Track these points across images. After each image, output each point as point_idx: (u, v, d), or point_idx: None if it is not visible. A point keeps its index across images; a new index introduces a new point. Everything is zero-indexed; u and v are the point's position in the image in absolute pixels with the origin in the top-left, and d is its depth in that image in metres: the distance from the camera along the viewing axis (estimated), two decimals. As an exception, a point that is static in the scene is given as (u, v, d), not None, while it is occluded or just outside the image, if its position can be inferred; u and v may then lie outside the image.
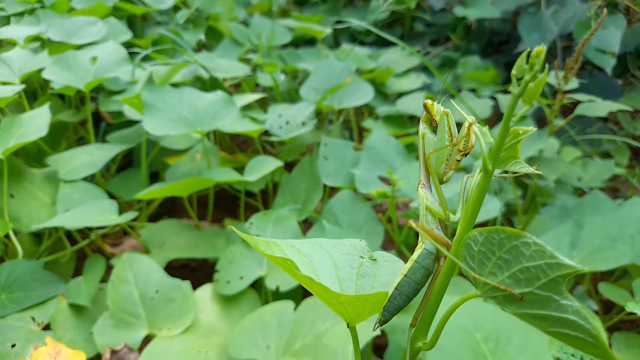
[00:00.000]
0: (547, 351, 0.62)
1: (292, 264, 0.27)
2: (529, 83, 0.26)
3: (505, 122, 0.27)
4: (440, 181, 0.35)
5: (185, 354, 0.73)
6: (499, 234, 0.27)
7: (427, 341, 0.33)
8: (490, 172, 0.29)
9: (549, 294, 0.26)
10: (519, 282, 0.27)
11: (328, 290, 0.28)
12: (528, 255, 0.26)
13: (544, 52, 0.25)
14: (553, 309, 0.26)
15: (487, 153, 0.28)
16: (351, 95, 1.25)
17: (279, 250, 0.32)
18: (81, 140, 1.33)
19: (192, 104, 1.02)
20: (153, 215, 1.23)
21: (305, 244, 0.34)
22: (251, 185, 1.14)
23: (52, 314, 0.83)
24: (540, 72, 0.26)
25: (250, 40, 1.59)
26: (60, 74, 1.11)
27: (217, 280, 0.86)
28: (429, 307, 0.33)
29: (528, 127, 0.29)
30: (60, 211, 0.93)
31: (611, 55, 1.29)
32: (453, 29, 2.07)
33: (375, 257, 0.35)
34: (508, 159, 0.31)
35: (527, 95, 0.26)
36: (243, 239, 0.32)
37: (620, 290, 0.91)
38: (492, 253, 0.28)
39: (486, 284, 0.28)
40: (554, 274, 0.25)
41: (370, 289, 0.33)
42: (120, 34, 1.40)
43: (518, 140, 0.30)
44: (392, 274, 0.34)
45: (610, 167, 1.24)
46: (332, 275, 0.33)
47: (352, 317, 0.33)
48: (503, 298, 0.28)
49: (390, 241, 1.11)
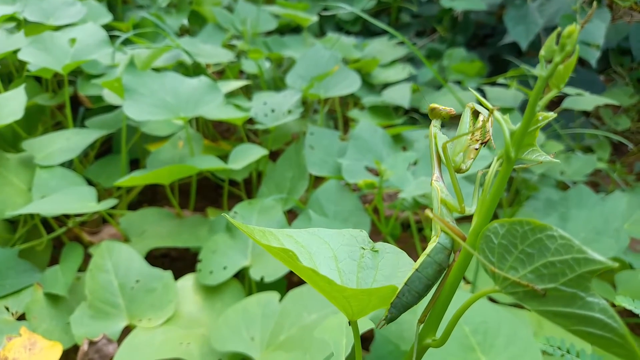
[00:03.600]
0: (534, 344, 0.61)
1: (293, 255, 0.25)
2: (558, 65, 0.25)
3: (531, 106, 0.26)
4: (458, 170, 0.34)
5: (166, 345, 0.71)
6: (523, 226, 0.26)
7: (437, 338, 0.32)
8: (513, 160, 0.27)
9: (574, 291, 0.24)
10: (542, 277, 0.25)
11: (333, 283, 0.27)
12: (553, 250, 0.25)
13: (577, 33, 0.24)
14: (578, 306, 0.24)
15: (510, 139, 0.27)
16: (338, 84, 1.23)
17: (276, 240, 0.30)
18: (59, 125, 1.29)
19: (174, 89, 0.99)
20: (133, 203, 1.20)
21: (303, 233, 0.33)
22: (235, 174, 1.11)
23: (27, 304, 0.80)
24: (572, 54, 0.24)
25: (235, 26, 1.55)
26: (36, 55, 1.07)
27: (199, 270, 0.84)
28: (440, 303, 0.31)
29: (548, 113, 0.28)
30: (36, 197, 0.90)
31: (596, 48, 1.29)
32: (439, 20, 2.06)
33: (377, 248, 0.34)
34: (525, 147, 0.29)
35: (556, 78, 0.25)
36: (230, 228, 0.30)
37: (603, 283, 0.92)
38: (514, 246, 0.26)
39: (506, 279, 0.27)
40: (581, 270, 0.24)
41: (372, 282, 0.32)
42: (100, 16, 1.36)
43: (537, 127, 0.28)
44: (394, 266, 0.33)
45: (592, 162, 1.25)
46: (332, 267, 0.31)
47: (354, 312, 0.31)
48: (524, 294, 0.26)
49: (377, 232, 1.10)
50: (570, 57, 0.24)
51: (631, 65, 1.84)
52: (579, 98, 1.19)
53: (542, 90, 0.26)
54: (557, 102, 1.37)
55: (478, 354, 0.60)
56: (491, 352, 0.60)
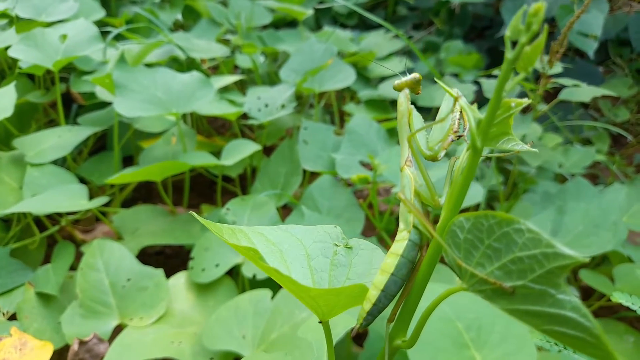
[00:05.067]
0: (529, 340, 0.60)
1: (256, 254, 0.24)
2: (524, 46, 0.23)
3: (497, 92, 0.24)
4: (434, 159, 0.32)
5: (157, 344, 0.70)
6: (488, 219, 0.24)
7: (407, 338, 0.30)
8: (480, 150, 0.26)
9: (544, 288, 0.23)
10: (511, 274, 0.24)
11: (296, 283, 0.25)
12: (521, 244, 0.23)
13: (543, 10, 0.22)
14: (548, 304, 0.23)
15: (476, 128, 0.25)
16: (333, 77, 1.22)
17: (246, 238, 0.29)
18: (52, 122, 1.27)
19: (166, 84, 0.98)
20: (127, 200, 1.19)
21: (275, 231, 0.31)
22: (229, 169, 1.10)
23: (19, 303, 0.79)
24: (539, 33, 0.23)
25: (229, 21, 1.54)
26: (27, 52, 1.06)
27: (192, 267, 0.83)
28: (409, 301, 0.30)
29: (521, 100, 0.26)
30: (27, 196, 0.89)
31: (594, 39, 1.28)
32: (436, 13, 2.05)
33: (351, 244, 0.32)
34: (499, 136, 0.28)
35: (523, 61, 0.23)
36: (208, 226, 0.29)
37: (601, 277, 0.91)
38: (480, 241, 0.25)
39: (473, 276, 0.25)
40: (550, 265, 0.22)
41: (345, 280, 0.30)
42: (92, 12, 1.34)
43: (510, 114, 0.27)
44: (368, 263, 0.31)
45: (591, 154, 1.23)
46: (303, 265, 0.30)
47: (324, 312, 0.30)
48: (492, 292, 0.25)
49: (371, 227, 1.09)
50: (537, 37, 0.23)
51: (630, 56, 1.82)
52: (577, 89, 1.18)
53: (509, 75, 0.24)
54: (555, 94, 1.35)
55: (472, 350, 0.59)
56: (485, 349, 0.59)
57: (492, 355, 0.59)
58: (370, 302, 0.31)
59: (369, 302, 0.31)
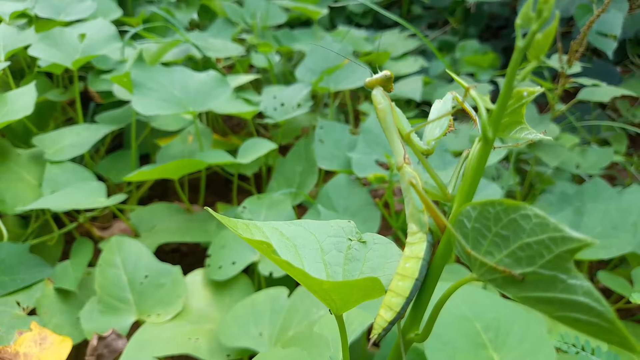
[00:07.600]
0: (548, 341, 0.60)
1: (269, 248, 0.24)
2: (535, 33, 0.22)
3: (508, 80, 0.24)
4: (428, 153, 0.31)
5: (174, 340, 0.71)
6: (495, 206, 0.24)
7: (420, 332, 0.30)
8: (491, 140, 0.25)
9: (554, 273, 0.22)
10: (520, 261, 0.23)
11: (308, 276, 0.25)
12: (528, 230, 0.22)
13: None
14: (559, 290, 0.22)
15: (487, 118, 0.25)
16: (348, 77, 1.22)
17: (260, 232, 0.29)
18: (70, 120, 1.29)
19: (183, 83, 0.99)
20: (143, 198, 1.20)
21: (289, 225, 0.31)
22: (244, 168, 1.11)
23: (38, 299, 0.80)
24: (550, 20, 0.22)
25: (245, 20, 1.54)
26: (46, 51, 1.07)
27: (208, 265, 0.84)
28: (421, 295, 0.29)
29: (534, 88, 0.26)
30: (46, 193, 0.90)
31: (613, 39, 1.26)
32: (451, 12, 2.04)
33: (365, 239, 0.32)
34: (512, 125, 0.27)
35: (534, 48, 0.22)
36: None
37: (619, 279, 0.89)
38: (487, 229, 0.24)
39: (482, 265, 0.25)
40: (558, 250, 0.22)
41: (359, 273, 0.30)
42: (110, 11, 1.36)
43: (523, 104, 0.26)
44: (382, 257, 0.31)
45: (609, 155, 1.22)
46: (317, 259, 0.30)
47: (338, 305, 0.30)
48: (502, 280, 0.24)
49: (387, 227, 1.09)
50: (548, 24, 0.22)
51: (649, 56, 1.80)
52: (595, 89, 1.17)
53: (520, 63, 0.24)
54: (573, 94, 1.34)
55: (490, 351, 0.59)
56: (503, 350, 0.59)
57: (510, 355, 0.59)
58: (393, 310, 0.30)
59: (391, 311, 0.30)
